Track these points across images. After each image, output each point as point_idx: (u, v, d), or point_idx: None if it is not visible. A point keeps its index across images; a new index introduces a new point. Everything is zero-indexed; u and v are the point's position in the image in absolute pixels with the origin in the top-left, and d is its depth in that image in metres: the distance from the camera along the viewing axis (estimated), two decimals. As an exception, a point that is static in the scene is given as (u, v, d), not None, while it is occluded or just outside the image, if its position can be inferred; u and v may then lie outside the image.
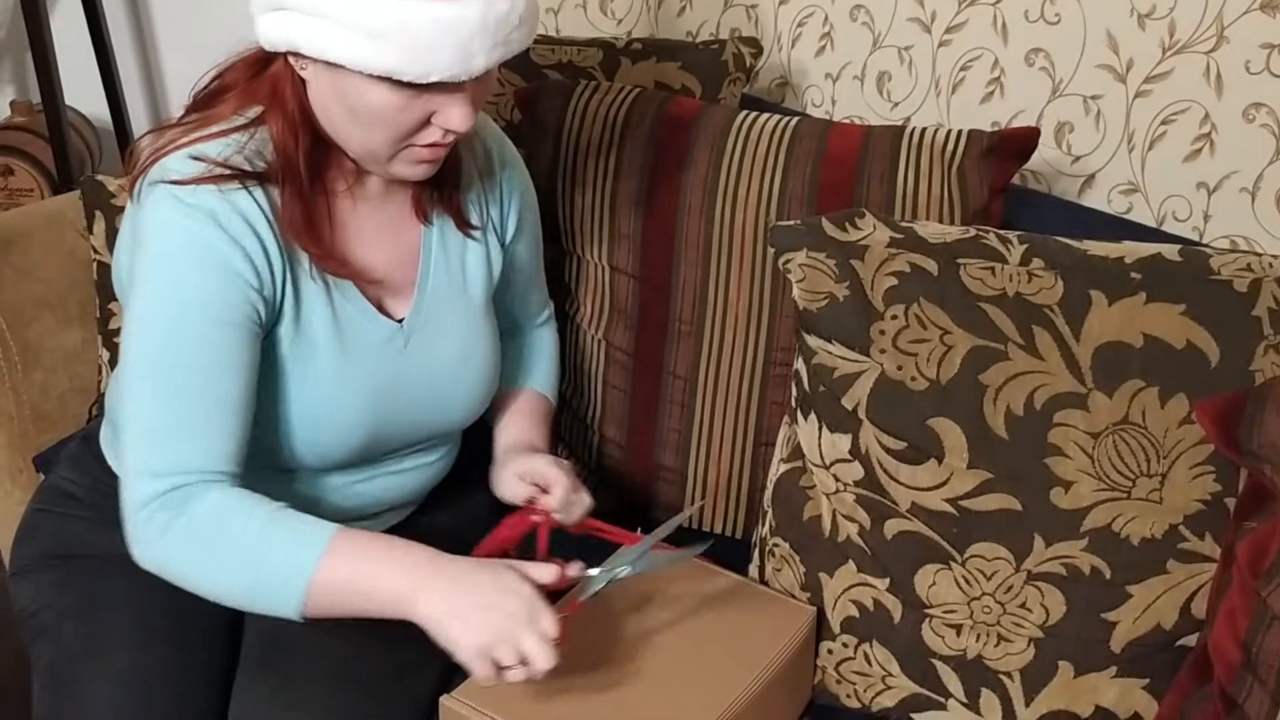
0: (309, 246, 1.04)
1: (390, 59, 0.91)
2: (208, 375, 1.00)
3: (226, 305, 1.00)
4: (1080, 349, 1.10)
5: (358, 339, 1.08)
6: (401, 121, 0.97)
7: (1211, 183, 1.44)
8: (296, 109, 1.00)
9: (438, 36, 0.91)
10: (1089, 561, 1.09)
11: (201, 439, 1.01)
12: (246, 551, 0.98)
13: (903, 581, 1.14)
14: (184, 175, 0.99)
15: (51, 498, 1.23)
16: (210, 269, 0.99)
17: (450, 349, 1.14)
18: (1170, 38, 1.42)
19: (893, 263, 1.14)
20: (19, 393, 1.50)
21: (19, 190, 2.26)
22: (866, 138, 1.35)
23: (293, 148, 1.01)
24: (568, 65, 1.59)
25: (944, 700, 1.15)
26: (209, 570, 1.00)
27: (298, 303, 1.04)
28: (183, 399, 1.00)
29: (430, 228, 1.13)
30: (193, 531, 0.99)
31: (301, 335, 1.05)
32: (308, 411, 1.07)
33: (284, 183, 1.02)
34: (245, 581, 0.99)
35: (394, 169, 1.03)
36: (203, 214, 0.99)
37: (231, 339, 1.01)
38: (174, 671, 1.09)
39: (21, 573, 1.19)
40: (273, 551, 0.98)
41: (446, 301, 1.14)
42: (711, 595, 1.17)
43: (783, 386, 1.33)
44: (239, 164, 1.00)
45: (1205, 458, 1.08)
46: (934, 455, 1.11)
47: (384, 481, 1.17)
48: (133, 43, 2.40)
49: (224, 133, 1.01)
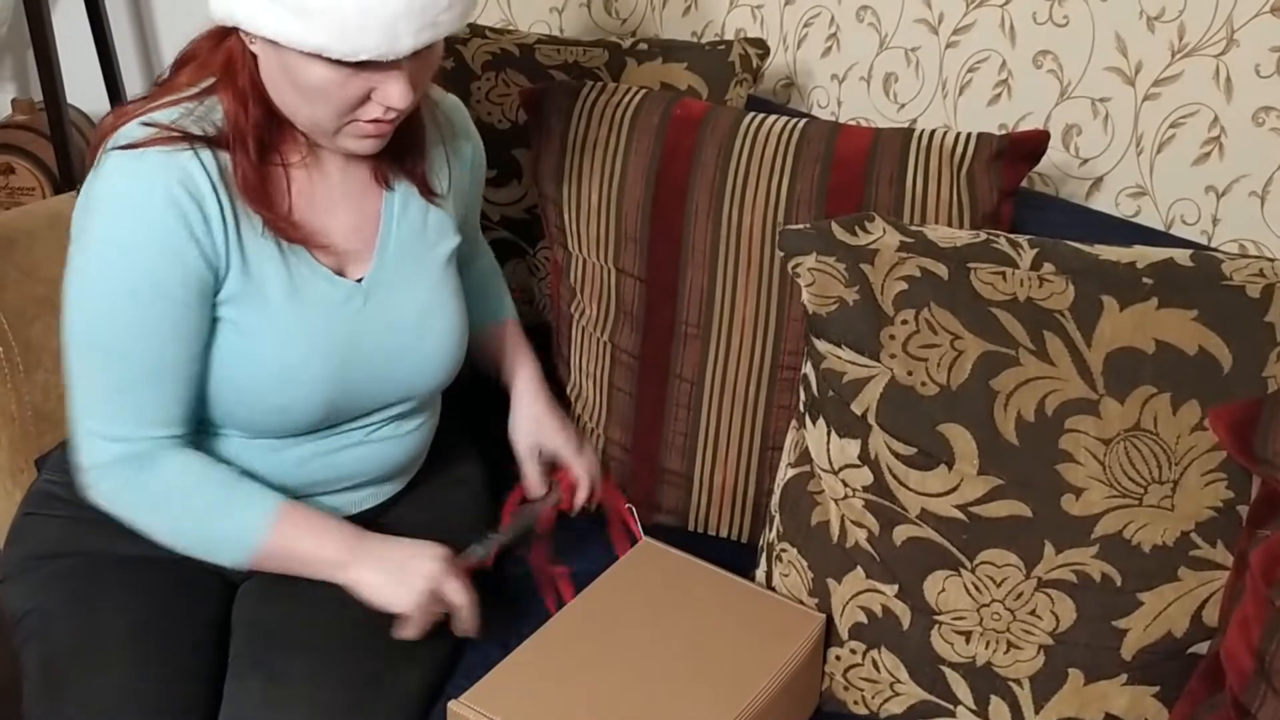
0: (260, 210, 1.06)
1: (319, 37, 0.95)
2: (150, 340, 1.05)
3: (168, 268, 1.03)
4: (1092, 354, 1.09)
5: (312, 298, 1.11)
6: (343, 97, 1.01)
7: (1221, 186, 1.44)
8: (248, 82, 1.04)
9: (364, 18, 0.94)
10: (1100, 568, 1.09)
11: (150, 404, 1.06)
12: (200, 517, 1.09)
13: (912, 588, 1.13)
14: (133, 139, 1.02)
15: (38, 501, 1.24)
16: (153, 232, 1.02)
17: (413, 306, 1.17)
18: (1180, 40, 1.41)
19: (903, 267, 1.13)
20: (20, 393, 1.50)
21: (20, 189, 2.25)
22: (875, 140, 1.35)
23: (243, 119, 1.04)
24: (573, 66, 1.58)
25: (953, 707, 1.15)
26: (163, 526, 1.10)
27: (244, 261, 1.07)
28: (127, 365, 1.05)
29: (392, 193, 1.16)
30: (150, 492, 1.08)
31: (252, 294, 1.07)
32: (263, 372, 1.09)
33: (234, 150, 1.05)
34: (196, 542, 1.10)
35: (340, 143, 1.06)
36: (147, 174, 1.02)
37: (175, 304, 1.04)
38: (163, 670, 1.09)
39: (10, 577, 1.19)
40: (224, 520, 1.09)
41: (409, 262, 1.17)
42: (721, 600, 1.16)
43: (790, 390, 1.33)
44: (187, 127, 1.03)
45: (1217, 465, 1.07)
46: (944, 461, 1.11)
47: (358, 452, 1.18)
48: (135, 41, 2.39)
49: (175, 101, 1.05)
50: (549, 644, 1.10)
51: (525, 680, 1.05)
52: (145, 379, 1.05)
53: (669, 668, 1.08)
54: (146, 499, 1.08)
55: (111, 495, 1.09)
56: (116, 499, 1.09)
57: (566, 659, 1.08)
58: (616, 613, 1.13)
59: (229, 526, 1.09)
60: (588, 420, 1.44)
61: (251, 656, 1.11)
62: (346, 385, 1.13)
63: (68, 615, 1.12)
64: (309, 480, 1.16)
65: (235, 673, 1.12)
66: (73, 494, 1.21)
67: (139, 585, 1.14)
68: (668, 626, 1.12)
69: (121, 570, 1.16)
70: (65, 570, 1.16)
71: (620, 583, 1.18)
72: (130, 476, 1.07)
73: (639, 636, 1.11)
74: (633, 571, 1.19)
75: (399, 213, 1.16)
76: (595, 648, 1.09)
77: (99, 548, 1.17)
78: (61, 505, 1.21)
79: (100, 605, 1.12)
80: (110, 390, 1.06)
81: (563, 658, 1.08)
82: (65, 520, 1.20)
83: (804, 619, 1.15)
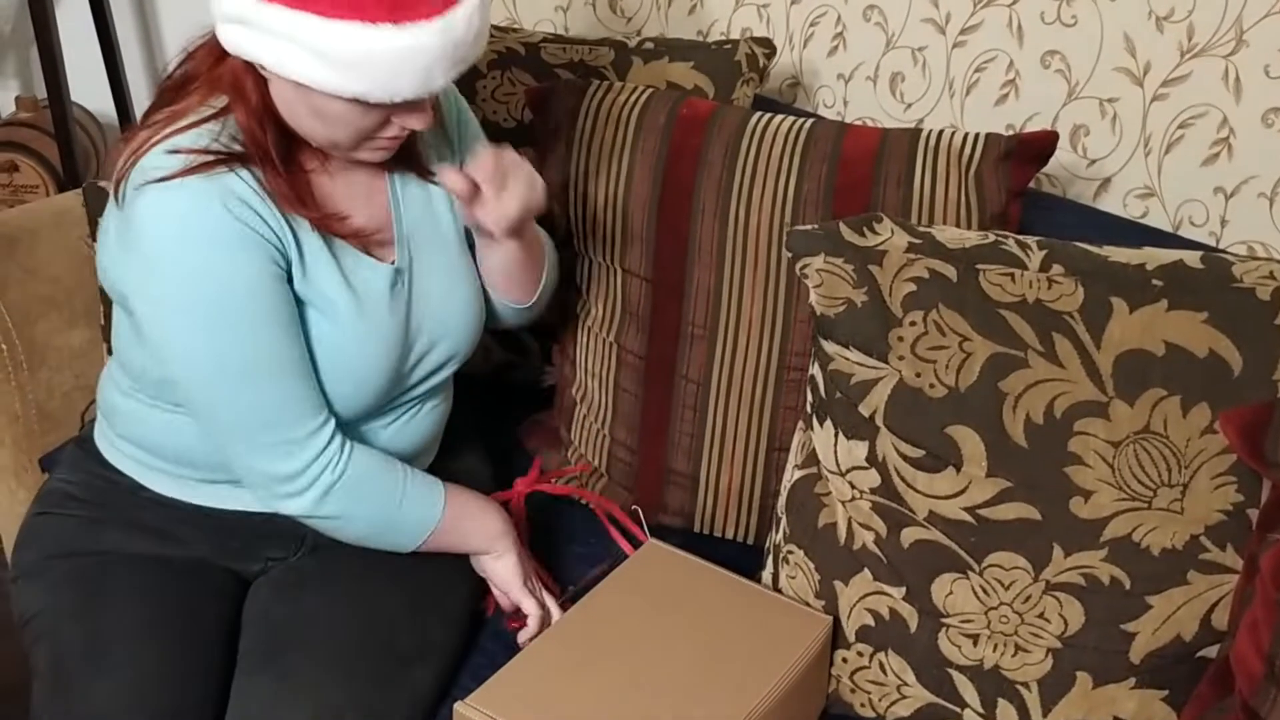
0: (303, 212, 1.06)
1: (357, 87, 0.95)
2: (277, 344, 1.05)
3: (250, 272, 1.03)
4: (1101, 357, 1.09)
5: (367, 290, 1.11)
6: (365, 125, 1.02)
7: (1229, 188, 1.43)
8: (259, 102, 1.02)
9: (400, 64, 0.94)
10: (1108, 572, 1.08)
11: (304, 396, 1.08)
12: (383, 511, 1.14)
13: (919, 590, 1.13)
14: (166, 170, 1.00)
15: (51, 500, 1.23)
16: (222, 245, 1.01)
17: (438, 284, 1.18)
18: (1189, 41, 1.40)
19: (911, 268, 1.13)
20: (24, 392, 1.49)
21: (24, 187, 2.25)
22: (882, 140, 1.34)
23: (261, 136, 1.03)
24: (579, 64, 1.58)
25: (960, 710, 1.14)
26: (353, 523, 1.14)
27: (304, 265, 1.07)
28: (272, 375, 1.06)
29: (393, 176, 1.16)
30: (346, 494, 1.11)
31: (316, 296, 1.08)
32: (338, 364, 1.10)
33: (263, 163, 1.04)
34: (378, 533, 1.15)
35: (357, 156, 1.07)
36: (199, 198, 1.00)
37: (270, 301, 1.04)
38: (173, 668, 1.09)
39: (21, 577, 1.19)
40: (405, 511, 1.15)
41: (425, 241, 1.17)
42: (727, 602, 1.16)
43: (796, 391, 1.32)
44: (216, 149, 1.02)
45: (1227, 468, 1.07)
46: (952, 463, 1.10)
47: (392, 430, 1.20)
48: (139, 39, 2.39)
49: (195, 124, 1.03)
50: (555, 646, 1.10)
51: (532, 682, 1.05)
52: (292, 377, 1.07)
53: (676, 669, 1.07)
54: (343, 500, 1.11)
55: (312, 505, 1.10)
56: (318, 507, 1.11)
57: (573, 660, 1.07)
58: (623, 614, 1.13)
59: (409, 512, 1.15)
60: (594, 421, 1.44)
61: (261, 654, 1.11)
62: (398, 367, 1.15)
63: (78, 615, 1.12)
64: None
65: (244, 670, 1.12)
66: (85, 492, 1.21)
67: (150, 584, 1.14)
68: (674, 628, 1.12)
69: (133, 569, 1.16)
70: (77, 570, 1.16)
71: (626, 584, 1.17)
72: (330, 484, 1.10)
73: (646, 638, 1.10)
74: (639, 573, 1.19)
75: (403, 194, 1.17)
76: (601, 649, 1.08)
77: (111, 547, 1.17)
78: (75, 504, 1.21)
79: (110, 605, 1.12)
80: (271, 404, 1.06)
81: (569, 659, 1.08)
82: (79, 520, 1.20)
83: (811, 621, 1.15)
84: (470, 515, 1.19)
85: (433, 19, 0.94)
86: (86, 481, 1.22)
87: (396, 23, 0.93)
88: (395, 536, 1.16)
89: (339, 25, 0.92)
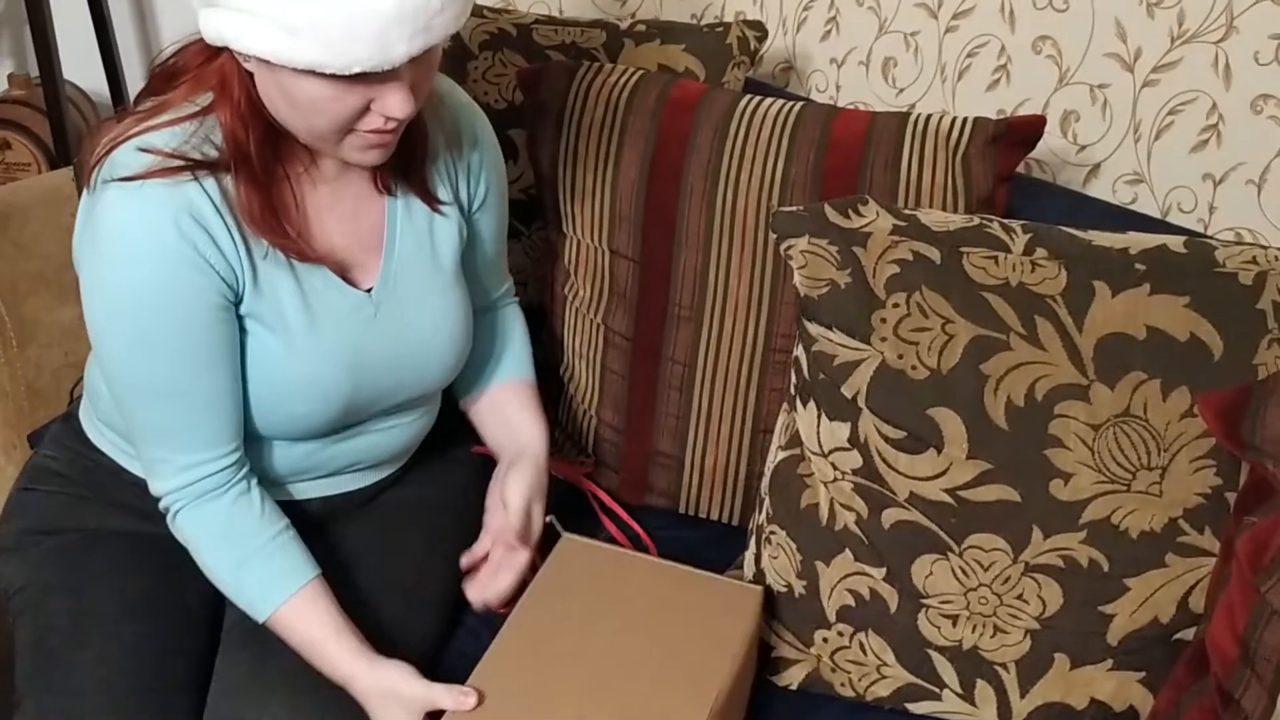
0: (271, 237, 1.03)
1: (310, 53, 0.91)
2: (189, 372, 1.03)
3: (188, 298, 1.00)
4: (1082, 340, 1.09)
5: (326, 311, 1.08)
6: (340, 110, 0.97)
7: (1218, 174, 1.43)
8: (244, 99, 0.99)
9: (352, 28, 0.89)
10: (1087, 554, 1.09)
11: (206, 427, 1.05)
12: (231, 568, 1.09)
13: (900, 571, 1.13)
14: (132, 170, 0.98)
15: (35, 476, 1.24)
16: (166, 266, 0.99)
17: (423, 319, 1.14)
18: (1179, 27, 1.40)
19: (895, 250, 1.13)
20: (14, 369, 1.50)
21: (16, 165, 2.24)
22: (871, 124, 1.34)
23: (244, 137, 1.00)
24: (571, 46, 1.58)
25: (939, 691, 1.15)
26: (209, 558, 1.10)
27: (257, 284, 1.04)
28: (174, 400, 1.04)
29: (394, 199, 1.13)
30: (189, 530, 1.09)
31: (269, 314, 1.05)
32: (283, 387, 1.07)
33: (237, 171, 1.01)
34: (221, 585, 1.10)
35: (345, 154, 1.02)
36: (154, 210, 0.97)
37: (201, 330, 1.02)
38: (156, 648, 1.09)
39: (6, 551, 1.19)
40: (250, 579, 1.08)
41: (416, 272, 1.14)
42: (660, 588, 1.13)
43: (782, 373, 1.33)
44: (188, 153, 0.99)
45: (1206, 451, 1.07)
46: (933, 445, 1.11)
47: (363, 441, 1.18)
48: (132, 17, 2.38)
49: (173, 121, 1.00)
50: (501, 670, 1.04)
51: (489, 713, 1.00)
52: (195, 408, 1.04)
53: (628, 667, 1.04)
54: (203, 529, 1.08)
55: (181, 524, 1.09)
56: (184, 527, 1.09)
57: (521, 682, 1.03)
58: (559, 620, 1.09)
59: (255, 581, 1.08)
60: (580, 402, 1.44)
61: (243, 634, 1.12)
62: (356, 395, 1.11)
63: (61, 592, 1.12)
64: (312, 465, 1.16)
65: (227, 649, 1.13)
66: (70, 469, 1.22)
67: (133, 562, 1.15)
68: (615, 624, 1.08)
69: (116, 546, 1.16)
70: (60, 546, 1.16)
71: (554, 587, 1.13)
72: (185, 506, 1.08)
73: (589, 641, 1.07)
74: (563, 573, 1.15)
75: (402, 220, 1.13)
76: (548, 663, 1.04)
77: (95, 524, 1.18)
78: (58, 481, 1.22)
79: (93, 582, 1.13)
80: (165, 424, 1.05)
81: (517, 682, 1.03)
82: (62, 496, 1.20)
83: (744, 594, 1.14)
84: (313, 645, 1.07)
85: None
86: (71, 459, 1.22)
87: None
88: (238, 598, 1.09)
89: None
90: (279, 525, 1.09)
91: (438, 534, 1.25)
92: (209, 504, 1.07)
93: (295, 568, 1.08)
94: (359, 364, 1.10)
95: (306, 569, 1.08)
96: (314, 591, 1.07)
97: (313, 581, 1.08)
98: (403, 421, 1.20)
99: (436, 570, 1.22)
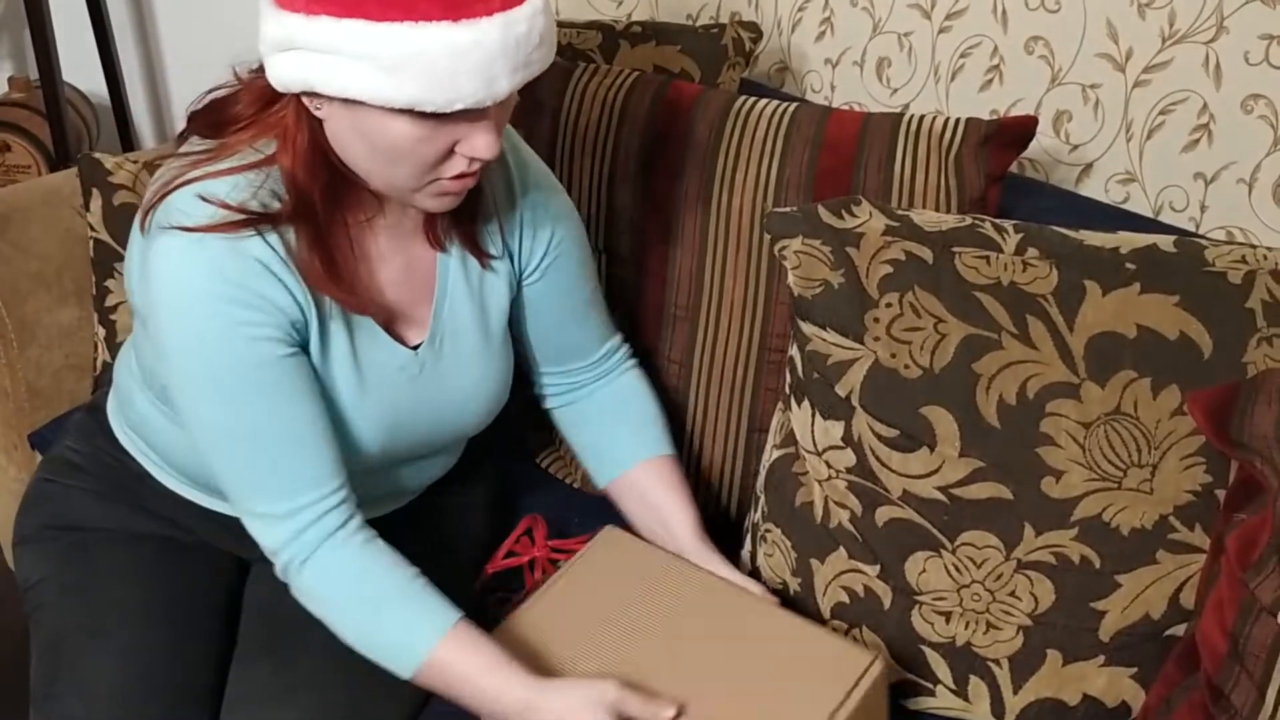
0: (332, 292, 1.00)
1: (411, 90, 0.87)
2: (275, 415, 0.99)
3: (259, 349, 0.97)
4: (1073, 339, 1.10)
5: (373, 369, 1.06)
6: (426, 154, 0.94)
7: (1209, 173, 1.44)
8: (311, 148, 0.96)
9: (457, 61, 0.87)
10: (1079, 551, 1.10)
11: (304, 468, 1.01)
12: (371, 612, 1.02)
13: (893, 568, 1.14)
14: (191, 219, 0.95)
15: (57, 468, 1.23)
16: (234, 317, 0.96)
17: (467, 378, 1.12)
18: (1170, 27, 1.41)
19: (888, 250, 1.14)
20: (15, 369, 1.51)
21: (16, 167, 2.25)
22: (865, 124, 1.35)
23: (308, 187, 0.97)
24: (566, 47, 1.58)
25: (932, 686, 1.16)
26: (328, 616, 1.03)
27: (323, 338, 1.02)
28: (265, 445, 0.99)
29: (448, 255, 1.10)
30: (314, 581, 1.02)
31: (320, 373, 1.03)
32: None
33: (299, 223, 0.98)
34: (355, 640, 1.03)
35: (419, 201, 1.00)
36: (217, 262, 0.95)
37: (276, 378, 0.98)
38: (171, 650, 1.09)
39: (24, 542, 1.19)
40: (393, 619, 1.01)
41: (464, 330, 1.11)
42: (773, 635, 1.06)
43: (777, 373, 1.34)
44: (249, 206, 0.96)
45: (1196, 449, 1.08)
46: (926, 443, 1.12)
47: (385, 478, 1.17)
48: (131, 19, 2.39)
49: (235, 169, 0.97)
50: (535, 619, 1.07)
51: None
52: (287, 450, 1.00)
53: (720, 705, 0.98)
54: (336, 577, 1.02)
55: (294, 581, 1.03)
56: (297, 581, 1.03)
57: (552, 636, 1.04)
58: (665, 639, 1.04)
59: (403, 620, 1.02)
60: (577, 401, 1.45)
61: (260, 641, 1.12)
62: (391, 446, 1.10)
63: (78, 591, 1.13)
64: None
65: (243, 656, 1.12)
66: (92, 464, 1.21)
67: (151, 565, 1.15)
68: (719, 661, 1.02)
69: (135, 548, 1.16)
70: (79, 544, 1.16)
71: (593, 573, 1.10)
72: (305, 559, 1.02)
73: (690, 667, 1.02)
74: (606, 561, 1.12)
75: (456, 276, 1.10)
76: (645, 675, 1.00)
77: (115, 524, 1.18)
78: (79, 475, 1.21)
79: (111, 584, 1.13)
80: (261, 472, 1.00)
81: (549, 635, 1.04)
82: (83, 492, 1.20)
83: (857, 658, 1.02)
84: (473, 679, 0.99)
85: (493, 15, 0.87)
86: (95, 456, 1.22)
87: (453, 20, 0.86)
88: (377, 652, 1.02)
89: (390, 27, 0.85)
90: (414, 569, 1.04)
91: (447, 546, 1.25)
92: (336, 551, 1.02)
93: (443, 606, 1.02)
94: (396, 421, 1.08)
95: (450, 609, 1.02)
96: (469, 626, 1.01)
97: (461, 620, 1.01)
98: (428, 461, 1.20)
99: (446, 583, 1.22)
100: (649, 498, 1.20)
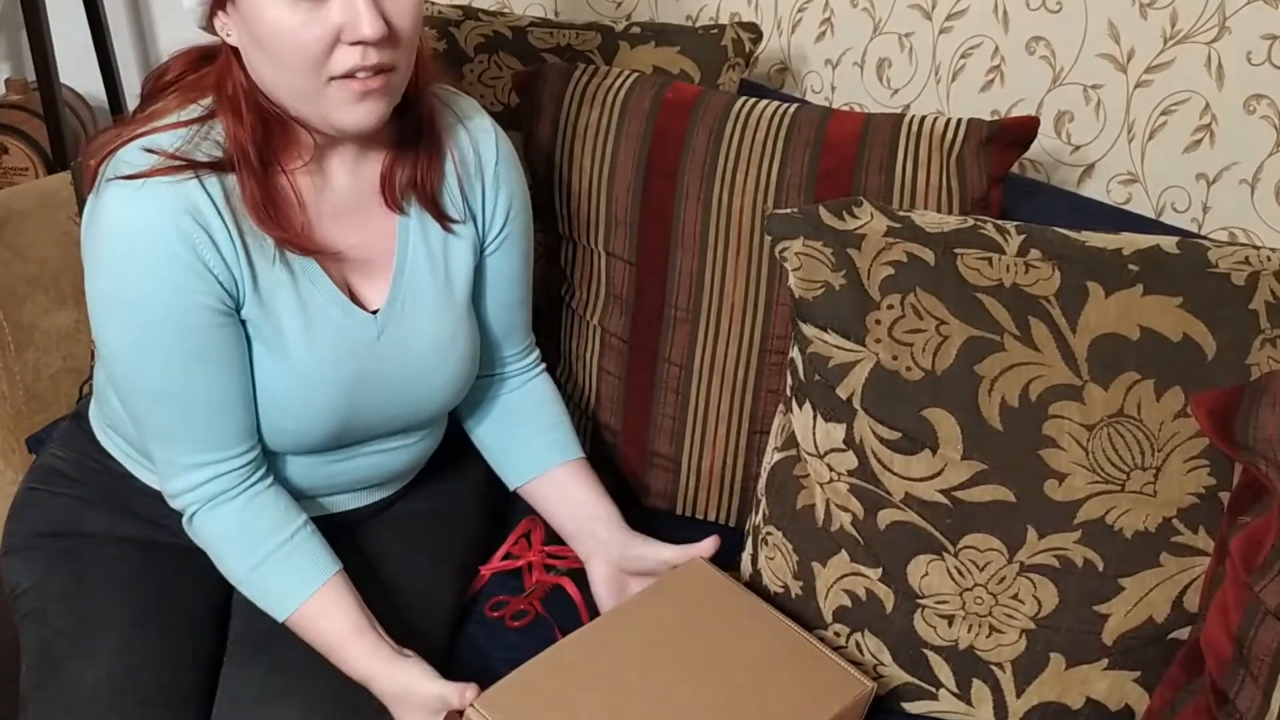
0: (272, 230, 1.02)
1: None
2: (194, 375, 1.02)
3: (185, 300, 0.99)
4: (1076, 341, 1.10)
5: (327, 328, 1.07)
6: (308, 42, 0.94)
7: (1211, 174, 1.44)
8: (239, 90, 1.00)
9: None
10: (1082, 554, 1.09)
11: (216, 429, 1.05)
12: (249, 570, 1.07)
13: (895, 571, 1.14)
14: (136, 168, 0.98)
15: (43, 476, 1.24)
16: (163, 267, 0.98)
17: (428, 344, 1.12)
18: (1172, 28, 1.41)
19: (890, 252, 1.14)
20: (12, 373, 1.50)
21: (13, 169, 2.25)
22: (866, 125, 1.35)
23: (241, 130, 1.00)
24: (566, 49, 1.58)
25: (935, 690, 1.15)
26: (219, 562, 1.09)
27: (257, 289, 1.03)
28: (180, 402, 1.03)
29: (408, 217, 1.11)
30: (205, 530, 1.08)
31: (265, 326, 1.04)
32: (275, 399, 1.07)
33: (239, 167, 1.01)
34: (248, 589, 1.09)
35: (336, 116, 0.98)
36: (152, 209, 0.97)
37: (198, 333, 1.01)
38: (161, 655, 1.09)
39: (13, 551, 1.19)
40: (270, 580, 1.07)
41: (426, 294, 1.12)
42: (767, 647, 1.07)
43: (778, 374, 1.33)
44: (191, 154, 1.00)
45: (1200, 451, 1.08)
46: (928, 446, 1.11)
47: (364, 461, 1.17)
48: (129, 21, 2.39)
49: (178, 124, 1.01)
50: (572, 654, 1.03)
51: (543, 688, 0.99)
52: (195, 410, 1.03)
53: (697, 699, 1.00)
54: (219, 532, 1.08)
55: (198, 527, 1.08)
56: (200, 531, 1.08)
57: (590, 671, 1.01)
58: (651, 631, 1.05)
59: (275, 582, 1.07)
60: (576, 405, 1.45)
61: (251, 645, 1.11)
62: (354, 417, 1.10)
63: (67, 597, 1.12)
64: (311, 483, 1.15)
65: (234, 660, 1.12)
66: (78, 471, 1.22)
67: (139, 569, 1.15)
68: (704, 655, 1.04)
69: (123, 553, 1.16)
70: (66, 550, 1.16)
71: (661, 600, 1.09)
72: (212, 508, 1.07)
73: (671, 661, 1.03)
74: (678, 590, 1.11)
75: (415, 239, 1.11)
76: (620, 664, 1.02)
77: (101, 529, 1.18)
78: (64, 483, 1.21)
79: (99, 589, 1.12)
80: (167, 424, 1.04)
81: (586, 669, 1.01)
82: (69, 499, 1.20)
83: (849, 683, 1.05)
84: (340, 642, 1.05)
85: None
86: (79, 461, 1.22)
87: None
88: (260, 601, 1.08)
89: None
90: (296, 523, 1.08)
91: (443, 547, 1.25)
92: (222, 507, 1.06)
93: (314, 565, 1.07)
94: (357, 387, 1.09)
95: (325, 565, 1.07)
96: (333, 589, 1.06)
97: (332, 578, 1.06)
98: (406, 443, 1.19)
99: (443, 584, 1.22)
100: (576, 497, 1.23)
